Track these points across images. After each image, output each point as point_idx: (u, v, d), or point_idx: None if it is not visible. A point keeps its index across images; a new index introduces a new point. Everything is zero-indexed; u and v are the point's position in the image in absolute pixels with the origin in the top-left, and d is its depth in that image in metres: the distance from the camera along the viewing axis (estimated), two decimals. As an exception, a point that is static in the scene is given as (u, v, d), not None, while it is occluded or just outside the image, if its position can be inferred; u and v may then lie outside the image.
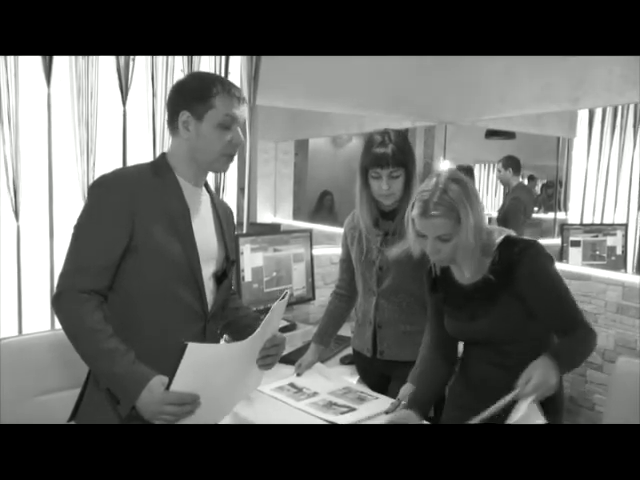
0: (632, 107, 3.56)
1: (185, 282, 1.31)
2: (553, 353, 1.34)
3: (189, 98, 1.29)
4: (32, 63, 1.91)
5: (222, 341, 1.61)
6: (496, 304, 1.40)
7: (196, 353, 1.11)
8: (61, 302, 1.22)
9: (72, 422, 1.35)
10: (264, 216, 3.92)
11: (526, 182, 4.82)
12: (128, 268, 1.27)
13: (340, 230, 2.04)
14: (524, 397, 1.28)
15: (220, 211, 1.45)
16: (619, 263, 3.19)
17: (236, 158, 2.41)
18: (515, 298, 1.38)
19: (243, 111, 1.34)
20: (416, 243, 1.45)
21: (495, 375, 1.47)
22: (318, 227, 3.56)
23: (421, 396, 1.57)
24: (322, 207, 5.05)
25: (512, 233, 1.46)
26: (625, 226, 3.36)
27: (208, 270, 1.37)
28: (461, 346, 1.63)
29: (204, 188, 1.42)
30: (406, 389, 1.69)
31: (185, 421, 1.18)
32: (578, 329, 1.39)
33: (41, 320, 1.96)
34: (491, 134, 3.73)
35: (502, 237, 1.42)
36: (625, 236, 3.25)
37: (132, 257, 1.26)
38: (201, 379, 1.16)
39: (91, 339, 1.19)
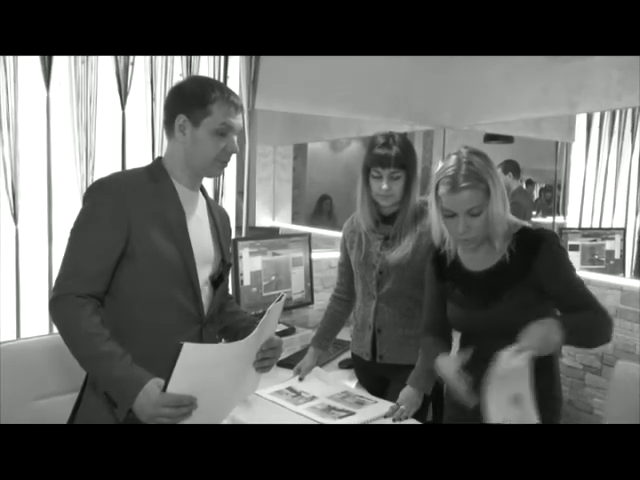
0: (630, 112, 3.57)
1: (181, 285, 1.31)
2: (557, 317, 1.32)
3: (187, 102, 1.30)
4: (31, 66, 1.92)
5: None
6: (509, 291, 1.39)
7: (192, 353, 1.11)
8: (58, 306, 1.22)
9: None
10: (263, 220, 3.92)
11: (524, 186, 4.83)
12: (124, 272, 1.27)
13: (339, 234, 2.04)
14: (523, 350, 1.24)
15: (216, 215, 1.45)
16: (617, 267, 3.19)
17: (235, 162, 2.44)
18: (529, 286, 1.38)
19: (240, 119, 1.34)
20: (437, 229, 1.44)
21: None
22: (317, 231, 3.55)
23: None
24: (321, 211, 5.05)
25: (528, 224, 1.45)
26: (623, 230, 3.37)
27: (204, 274, 1.37)
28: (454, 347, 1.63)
29: (200, 192, 1.42)
30: (405, 392, 1.69)
31: (183, 424, 1.17)
32: (591, 307, 1.37)
33: (39, 324, 1.96)
34: (490, 138, 3.72)
35: (520, 226, 1.43)
36: (623, 240, 3.26)
37: (128, 261, 1.26)
38: (198, 380, 1.16)
39: (88, 343, 1.19)
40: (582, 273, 2.53)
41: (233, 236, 2.11)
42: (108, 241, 1.24)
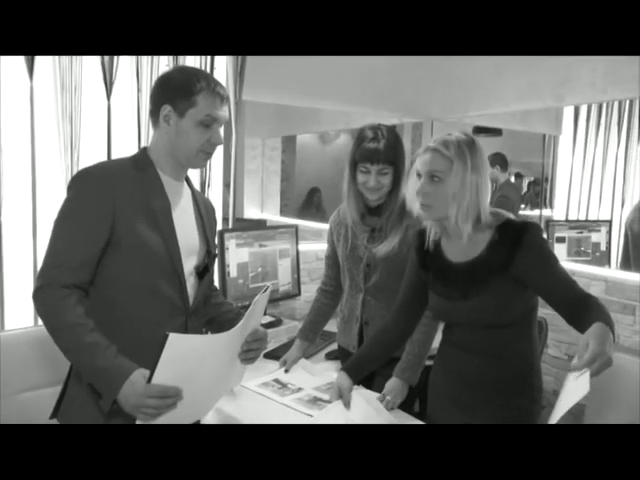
0: (616, 105, 3.60)
1: (166, 276, 1.31)
2: (601, 319, 1.17)
3: (172, 93, 1.29)
4: (14, 56, 1.89)
5: None
6: (491, 283, 1.39)
7: (177, 344, 1.11)
8: (41, 296, 1.21)
9: (54, 419, 1.34)
10: (251, 212, 3.92)
11: (513, 179, 4.85)
12: (109, 262, 1.26)
13: (326, 226, 2.04)
14: (579, 369, 1.06)
15: (201, 205, 1.45)
16: (603, 259, 3.22)
17: (222, 154, 2.43)
18: (510, 278, 1.37)
19: (225, 111, 1.34)
20: (415, 197, 1.45)
21: (473, 364, 1.47)
22: (304, 223, 3.56)
23: (358, 361, 1.64)
24: (311, 204, 5.06)
25: (512, 216, 1.45)
26: (609, 222, 3.40)
27: (189, 264, 1.37)
28: (438, 339, 1.64)
29: (185, 183, 1.42)
30: (391, 384, 1.70)
31: (168, 415, 1.17)
32: (589, 298, 1.32)
33: (24, 316, 1.94)
34: (478, 131, 3.74)
35: (504, 218, 1.43)
36: (609, 232, 3.29)
37: (113, 251, 1.25)
38: (183, 371, 1.16)
39: (72, 333, 1.18)
40: (568, 265, 2.56)
41: (220, 227, 2.10)
42: (92, 231, 1.23)
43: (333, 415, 1.50)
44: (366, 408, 1.55)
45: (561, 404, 1.07)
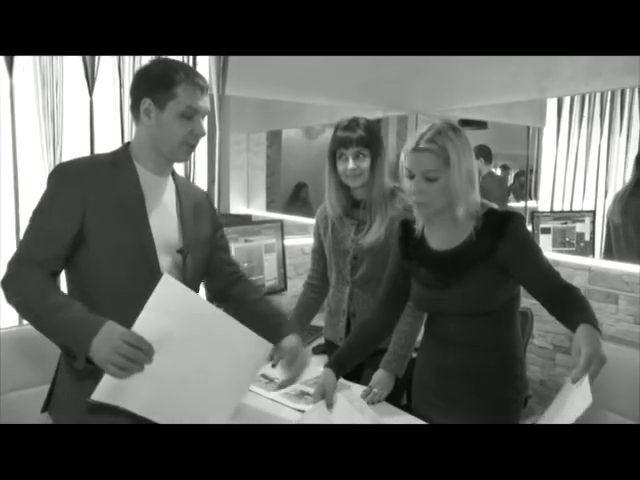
0: (598, 97, 3.63)
1: (141, 274, 1.27)
2: (586, 320, 1.19)
3: (152, 86, 1.28)
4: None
5: None
6: (473, 271, 1.39)
7: (171, 288, 1.05)
8: (9, 284, 1.20)
9: (41, 415, 1.34)
10: (237, 208, 3.89)
11: (499, 172, 4.88)
12: (80, 260, 1.25)
13: (313, 220, 2.04)
14: (580, 377, 1.07)
15: (184, 199, 1.41)
16: (587, 249, 3.25)
17: (206, 149, 2.42)
18: (493, 267, 1.38)
19: (206, 101, 1.32)
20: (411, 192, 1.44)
21: (455, 355, 1.48)
22: (290, 218, 3.55)
23: (343, 357, 1.60)
24: (298, 199, 5.04)
25: (495, 206, 1.46)
26: (593, 213, 3.43)
27: (167, 261, 1.33)
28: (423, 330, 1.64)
29: (170, 178, 1.40)
30: (378, 376, 1.71)
31: (156, 409, 1.15)
32: (571, 290, 1.34)
33: (8, 316, 1.92)
34: (464, 124, 3.75)
35: (487, 207, 1.43)
36: (593, 223, 3.32)
37: (85, 249, 1.24)
38: (166, 330, 1.10)
39: (40, 299, 1.16)
40: (553, 255, 2.59)
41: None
42: (59, 226, 1.22)
43: (316, 416, 1.48)
44: (349, 407, 1.54)
45: (562, 413, 1.07)
